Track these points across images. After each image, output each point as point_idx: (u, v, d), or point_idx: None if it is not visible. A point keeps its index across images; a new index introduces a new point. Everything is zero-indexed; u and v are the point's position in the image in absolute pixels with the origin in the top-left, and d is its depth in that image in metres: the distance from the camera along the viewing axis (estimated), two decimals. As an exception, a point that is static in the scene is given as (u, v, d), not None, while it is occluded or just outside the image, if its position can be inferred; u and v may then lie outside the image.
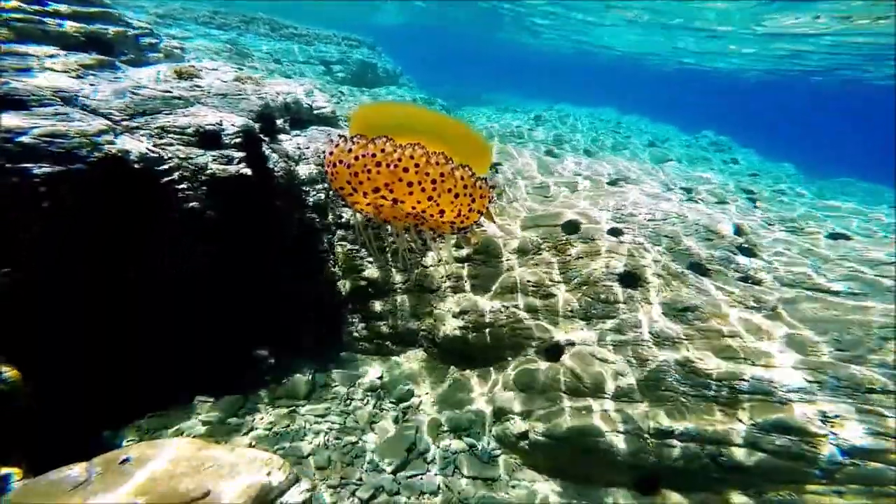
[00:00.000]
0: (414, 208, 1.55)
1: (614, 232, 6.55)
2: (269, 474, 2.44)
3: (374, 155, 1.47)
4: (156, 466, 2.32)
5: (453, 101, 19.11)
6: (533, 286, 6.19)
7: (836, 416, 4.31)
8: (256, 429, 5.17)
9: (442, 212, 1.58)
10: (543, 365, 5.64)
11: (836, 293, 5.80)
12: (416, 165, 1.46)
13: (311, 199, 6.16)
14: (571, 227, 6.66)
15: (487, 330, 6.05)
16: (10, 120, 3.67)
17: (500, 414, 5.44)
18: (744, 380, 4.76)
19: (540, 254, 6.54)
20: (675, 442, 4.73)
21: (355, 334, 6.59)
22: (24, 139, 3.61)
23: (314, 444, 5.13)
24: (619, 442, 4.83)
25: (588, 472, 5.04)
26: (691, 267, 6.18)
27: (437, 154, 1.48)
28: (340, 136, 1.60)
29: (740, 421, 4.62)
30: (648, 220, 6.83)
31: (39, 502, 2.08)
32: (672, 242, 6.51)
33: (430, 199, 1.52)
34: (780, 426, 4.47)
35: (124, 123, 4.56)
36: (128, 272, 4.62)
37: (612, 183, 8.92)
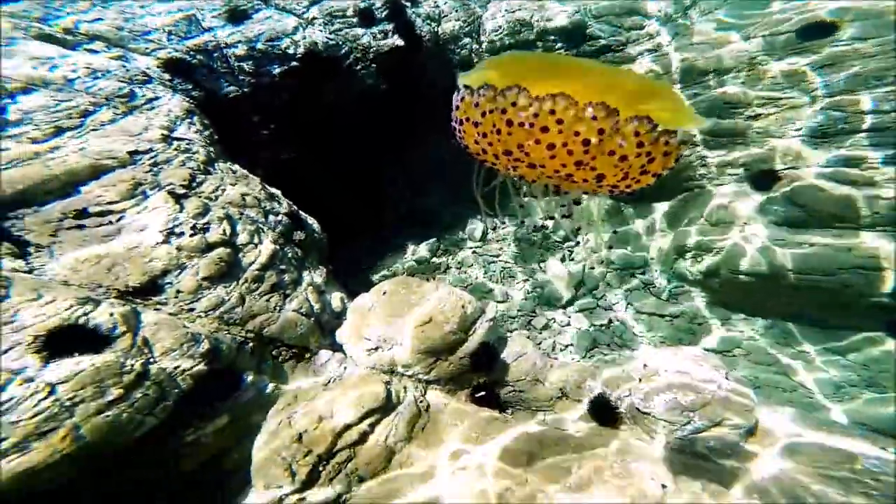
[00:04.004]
0: (557, 172, 1.26)
1: None
2: (463, 307, 3.21)
3: (503, 111, 1.18)
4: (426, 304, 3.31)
5: None
6: (742, 104, 4.84)
7: None
8: (451, 267, 6.30)
9: (601, 176, 1.25)
10: (748, 191, 4.69)
11: None
12: (560, 122, 1.14)
13: (456, 58, 6.43)
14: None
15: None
16: (246, 31, 4.65)
17: (682, 251, 4.97)
18: None
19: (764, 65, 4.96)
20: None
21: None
22: (259, 46, 4.61)
23: (493, 279, 5.97)
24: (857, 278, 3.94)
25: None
26: None
27: (595, 106, 1.12)
28: (466, 87, 1.31)
29: None
30: None
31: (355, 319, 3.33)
32: None
33: (579, 164, 1.20)
34: None
35: (305, 16, 5.27)
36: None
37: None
